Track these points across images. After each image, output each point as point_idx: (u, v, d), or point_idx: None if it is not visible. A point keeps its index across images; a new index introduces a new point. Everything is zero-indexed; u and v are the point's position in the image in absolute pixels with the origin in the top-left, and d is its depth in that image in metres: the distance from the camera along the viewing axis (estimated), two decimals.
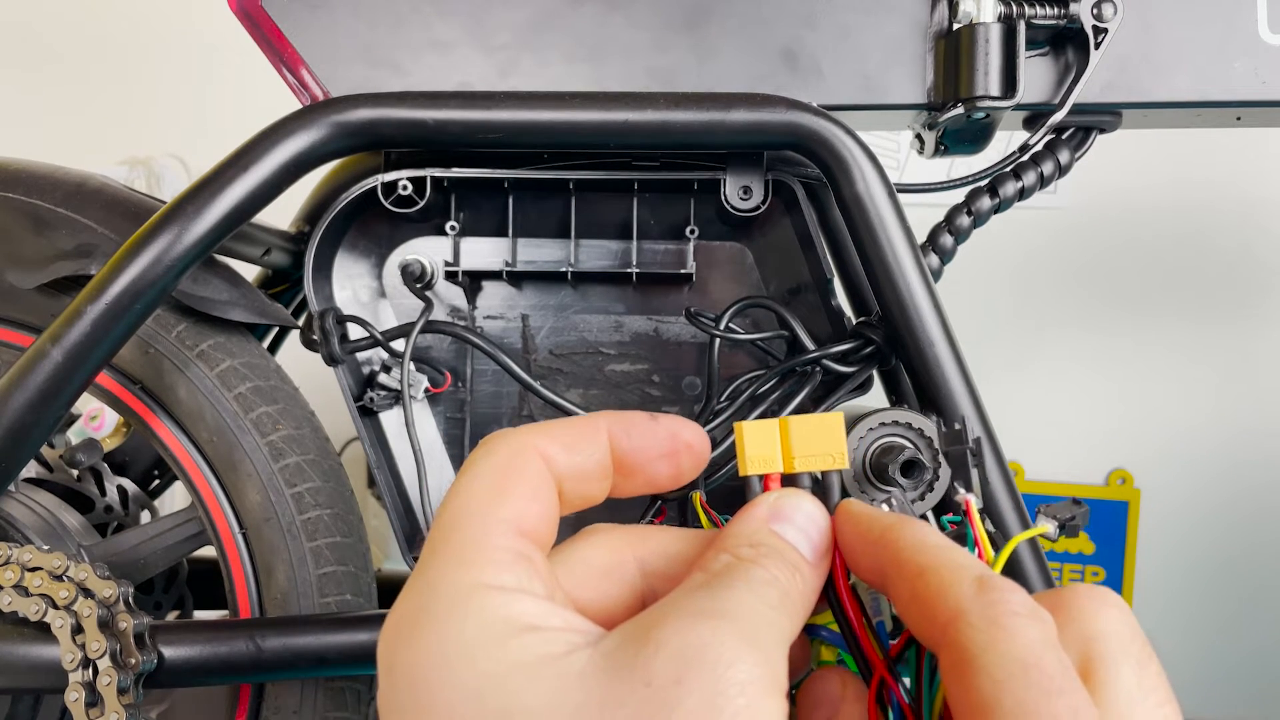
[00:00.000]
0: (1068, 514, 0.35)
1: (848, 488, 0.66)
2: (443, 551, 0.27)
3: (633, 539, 0.31)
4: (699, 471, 0.32)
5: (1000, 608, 0.24)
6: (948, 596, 0.25)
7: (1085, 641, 0.26)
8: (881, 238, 0.65)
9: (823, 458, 0.32)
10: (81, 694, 0.63)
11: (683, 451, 0.32)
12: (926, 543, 0.28)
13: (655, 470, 0.31)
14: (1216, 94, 0.70)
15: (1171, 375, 1.63)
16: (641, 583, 0.31)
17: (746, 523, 0.30)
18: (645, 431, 0.31)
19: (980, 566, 0.26)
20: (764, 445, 0.32)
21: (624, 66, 0.72)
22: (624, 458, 0.31)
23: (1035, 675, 0.23)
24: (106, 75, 1.84)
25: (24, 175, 0.77)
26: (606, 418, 0.31)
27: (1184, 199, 1.62)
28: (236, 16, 0.72)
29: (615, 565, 0.30)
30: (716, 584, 0.26)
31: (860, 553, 0.30)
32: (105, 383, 0.78)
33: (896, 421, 0.65)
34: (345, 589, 0.77)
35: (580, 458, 0.30)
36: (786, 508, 0.30)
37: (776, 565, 0.28)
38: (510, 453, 0.29)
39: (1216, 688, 1.62)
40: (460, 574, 0.26)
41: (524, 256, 0.80)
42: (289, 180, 0.66)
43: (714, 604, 0.25)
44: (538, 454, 0.29)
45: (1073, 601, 0.27)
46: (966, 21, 0.68)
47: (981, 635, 0.24)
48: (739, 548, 0.29)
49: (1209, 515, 1.63)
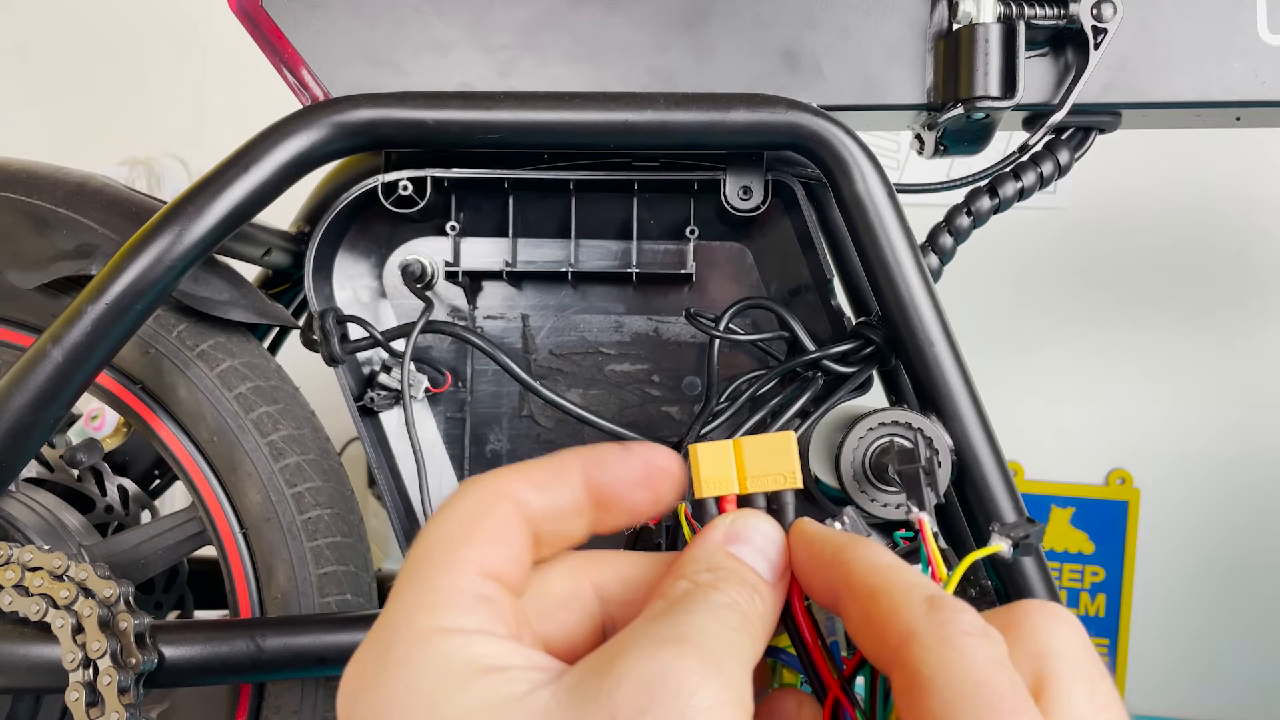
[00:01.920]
0: (1022, 532, 0.35)
1: (847, 488, 0.66)
2: (404, 596, 0.26)
3: (589, 565, 0.31)
4: (679, 495, 0.32)
5: (951, 627, 0.24)
6: (899, 618, 0.25)
7: (1037, 659, 0.26)
8: (881, 238, 0.65)
9: (775, 477, 0.32)
10: (82, 694, 0.63)
11: (658, 477, 0.31)
12: (878, 563, 0.28)
13: (634, 500, 0.31)
14: (1216, 94, 0.70)
15: (1171, 375, 1.63)
16: (600, 610, 0.30)
17: (703, 546, 0.30)
18: (617, 462, 0.31)
19: (931, 586, 0.26)
20: (719, 467, 0.32)
21: (624, 66, 0.72)
22: (600, 491, 0.30)
23: (986, 695, 0.23)
24: (107, 75, 1.84)
25: (25, 175, 0.77)
26: (578, 454, 0.31)
27: (1184, 199, 1.62)
28: (236, 16, 0.72)
29: (573, 594, 0.30)
30: (676, 610, 0.26)
31: (813, 573, 0.30)
32: (106, 383, 0.78)
33: (896, 421, 0.65)
34: (346, 589, 0.77)
35: (554, 497, 0.29)
36: (743, 529, 0.30)
37: (735, 588, 0.28)
38: (477, 497, 0.28)
39: (1216, 688, 1.62)
40: (420, 618, 0.26)
41: (524, 256, 0.80)
42: (289, 180, 0.66)
43: (674, 630, 0.25)
44: (507, 497, 0.29)
45: (1024, 619, 0.27)
46: (966, 22, 0.68)
47: (933, 656, 0.24)
48: (697, 573, 0.28)
49: (1208, 515, 1.63)
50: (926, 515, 0.34)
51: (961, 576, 0.30)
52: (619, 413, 0.83)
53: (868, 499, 0.65)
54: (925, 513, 0.34)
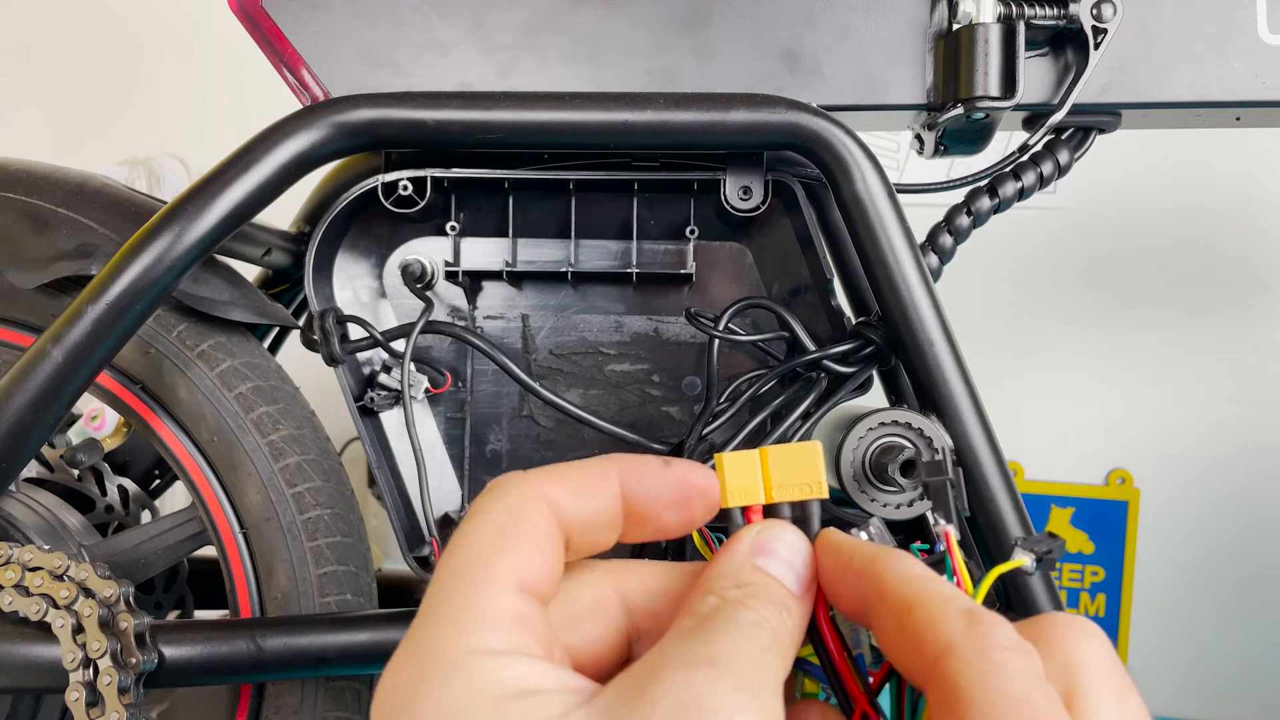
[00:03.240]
0: (1045, 547, 0.35)
1: (847, 488, 0.66)
2: (438, 613, 0.26)
3: (615, 575, 0.31)
4: (711, 516, 0.31)
5: (989, 641, 0.24)
6: (936, 630, 0.25)
7: (1067, 672, 0.26)
8: (881, 238, 0.65)
9: (801, 487, 0.31)
10: (82, 694, 0.63)
11: (695, 498, 0.31)
12: (912, 575, 0.27)
13: (667, 518, 0.30)
14: (1216, 94, 0.70)
15: (1171, 375, 1.63)
16: (626, 620, 0.30)
17: (730, 559, 0.30)
18: (657, 479, 0.30)
19: (966, 600, 0.26)
20: (744, 476, 0.31)
21: (624, 66, 0.72)
22: (635, 506, 0.30)
23: (1026, 710, 0.23)
24: (107, 75, 1.84)
25: (25, 175, 0.77)
26: (617, 463, 0.30)
27: (1183, 199, 1.62)
28: (236, 16, 0.72)
29: (599, 603, 0.30)
30: (706, 629, 0.26)
31: (842, 584, 0.29)
32: (106, 383, 0.78)
33: (896, 421, 0.65)
34: (346, 589, 0.77)
35: (590, 505, 0.29)
36: (769, 540, 0.30)
37: (764, 605, 0.28)
38: (518, 500, 0.28)
39: (1216, 688, 1.62)
40: (454, 639, 0.25)
41: (524, 256, 0.80)
42: (290, 180, 0.66)
43: (706, 651, 0.25)
44: (545, 501, 0.28)
45: (1053, 632, 0.27)
46: (966, 22, 0.68)
47: (972, 670, 0.24)
48: (725, 588, 0.28)
49: (1208, 515, 1.63)
50: (953, 528, 0.34)
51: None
52: (619, 413, 0.83)
53: (867, 499, 0.66)
54: (952, 526, 0.34)
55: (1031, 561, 0.35)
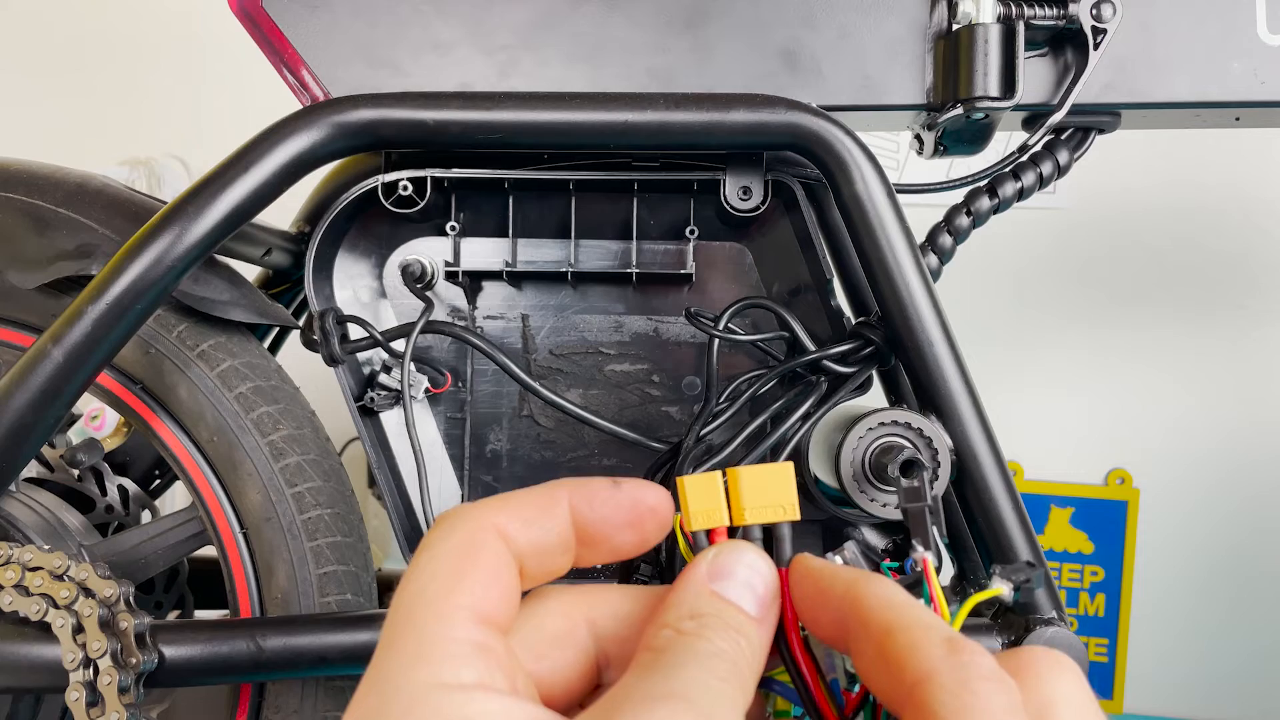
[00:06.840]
0: (1023, 575, 0.35)
1: (846, 488, 0.66)
2: (399, 646, 0.26)
3: (583, 601, 0.30)
4: (664, 535, 0.31)
5: (969, 671, 0.24)
6: (916, 656, 0.25)
7: (1042, 706, 0.26)
8: (881, 238, 0.65)
9: (774, 509, 0.31)
10: (82, 693, 0.63)
11: (647, 518, 0.30)
12: (894, 600, 0.27)
13: (619, 540, 0.30)
14: (1215, 94, 0.70)
15: (1171, 375, 1.63)
16: (594, 646, 0.30)
17: (687, 586, 0.29)
18: (607, 500, 0.30)
19: (947, 628, 0.26)
20: (707, 499, 0.31)
21: (624, 66, 0.72)
22: (586, 528, 0.30)
23: None
24: (107, 75, 1.84)
25: (25, 175, 0.77)
26: (566, 487, 0.30)
27: (1183, 199, 1.62)
28: (236, 16, 0.72)
29: (567, 631, 0.30)
30: (663, 664, 0.26)
31: (820, 608, 0.29)
32: (106, 383, 0.78)
33: (896, 421, 0.65)
34: (346, 588, 0.77)
35: (541, 532, 0.29)
36: (727, 563, 0.30)
37: (720, 635, 0.27)
38: (469, 532, 0.28)
39: (1216, 688, 1.62)
40: (417, 672, 0.25)
41: (524, 256, 0.80)
42: (290, 181, 0.66)
43: (666, 685, 0.25)
44: (496, 532, 0.28)
45: (1030, 665, 0.27)
46: (966, 22, 0.68)
47: (952, 699, 0.24)
48: (680, 620, 0.28)
49: (1208, 515, 1.63)
50: (930, 555, 0.33)
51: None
52: (619, 413, 0.83)
53: (867, 499, 0.66)
54: (929, 553, 0.34)
55: (1009, 590, 0.35)
